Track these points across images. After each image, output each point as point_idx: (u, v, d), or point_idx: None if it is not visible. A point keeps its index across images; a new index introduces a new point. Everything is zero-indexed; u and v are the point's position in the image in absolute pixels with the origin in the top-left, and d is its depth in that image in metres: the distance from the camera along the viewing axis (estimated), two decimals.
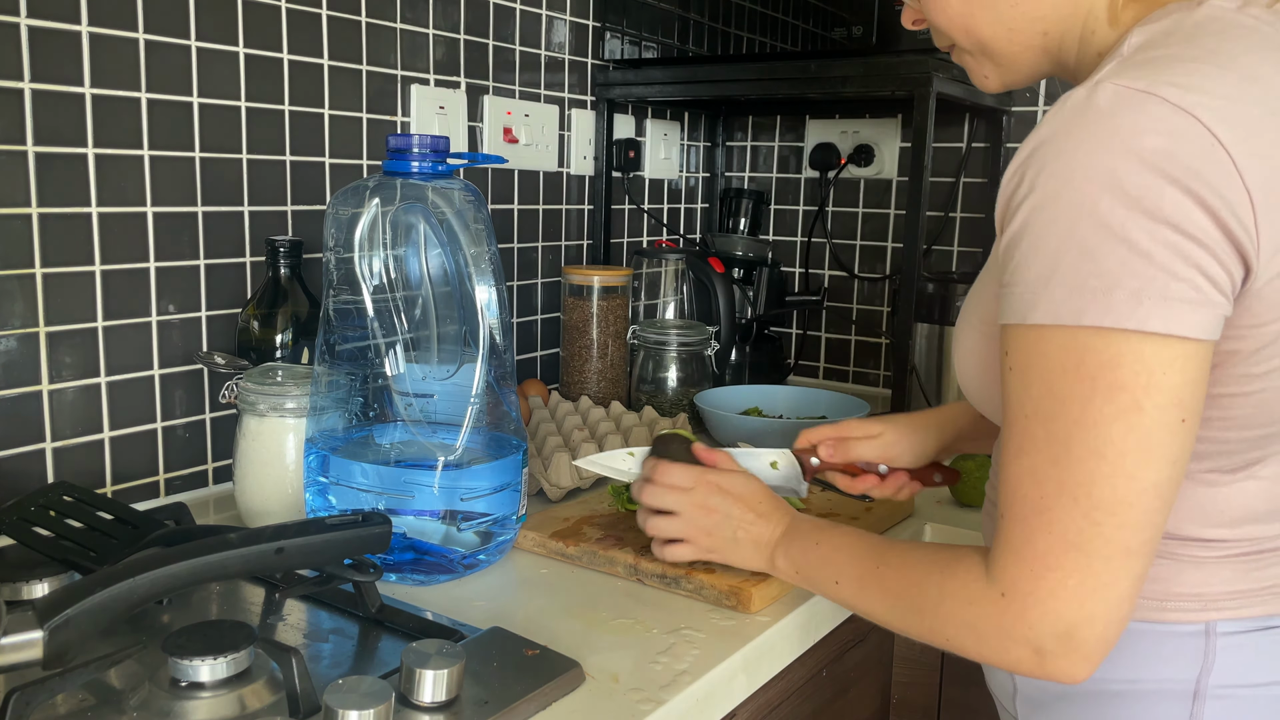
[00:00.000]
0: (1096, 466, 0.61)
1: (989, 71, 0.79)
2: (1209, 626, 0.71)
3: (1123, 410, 0.60)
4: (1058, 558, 0.63)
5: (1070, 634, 0.64)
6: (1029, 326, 0.63)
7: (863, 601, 0.80)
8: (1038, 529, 0.64)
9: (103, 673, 0.72)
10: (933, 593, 0.72)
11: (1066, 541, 0.63)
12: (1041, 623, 0.64)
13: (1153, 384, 0.60)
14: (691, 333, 1.58)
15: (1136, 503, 0.61)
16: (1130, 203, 0.59)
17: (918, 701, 1.26)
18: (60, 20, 1.01)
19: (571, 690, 0.75)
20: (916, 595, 0.73)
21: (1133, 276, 0.59)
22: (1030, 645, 0.65)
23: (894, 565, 0.76)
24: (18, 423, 1.02)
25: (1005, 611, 0.66)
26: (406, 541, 0.94)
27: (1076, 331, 0.60)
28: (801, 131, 2.00)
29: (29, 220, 1.01)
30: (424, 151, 0.95)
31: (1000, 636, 0.67)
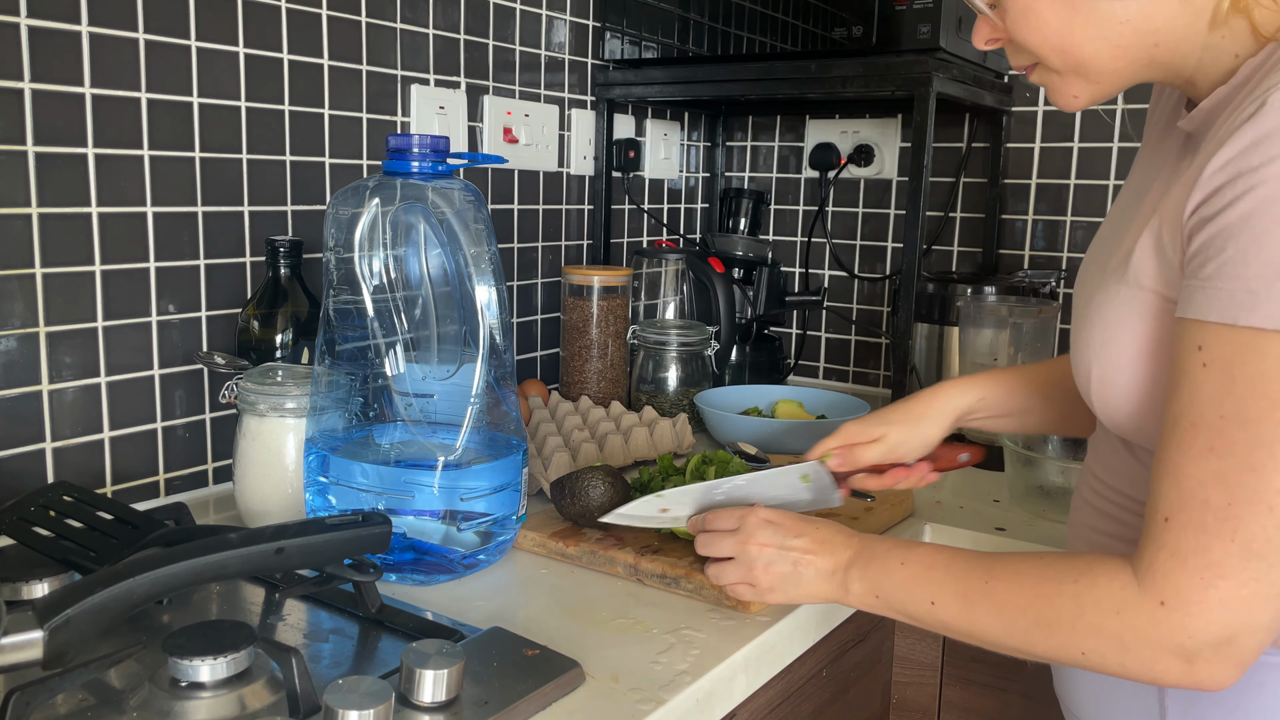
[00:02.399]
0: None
1: (1079, 90, 0.74)
2: None
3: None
4: (1236, 566, 0.61)
5: (1231, 642, 0.62)
6: (1244, 329, 0.60)
7: (969, 621, 0.74)
8: (1218, 536, 0.61)
9: (103, 673, 0.72)
10: (1067, 605, 0.68)
11: (1250, 550, 0.60)
12: (1204, 632, 0.62)
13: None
14: (691, 333, 1.58)
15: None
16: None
17: (918, 701, 1.26)
18: (60, 20, 1.01)
19: (571, 690, 0.75)
20: (1044, 609, 0.69)
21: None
22: (1183, 655, 0.63)
23: (1008, 579, 0.72)
24: (18, 423, 1.02)
25: (1162, 621, 0.63)
26: (406, 541, 0.94)
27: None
28: (801, 131, 2.00)
29: (29, 220, 1.01)
30: (424, 151, 0.95)
31: (1152, 647, 0.64)
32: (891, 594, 0.78)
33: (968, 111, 1.79)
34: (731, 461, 1.15)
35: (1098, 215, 1.71)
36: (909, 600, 0.77)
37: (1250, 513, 0.60)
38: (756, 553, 0.85)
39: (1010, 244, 1.79)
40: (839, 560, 0.82)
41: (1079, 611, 0.67)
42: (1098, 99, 0.75)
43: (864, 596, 0.80)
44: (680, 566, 0.95)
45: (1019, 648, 0.71)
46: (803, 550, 0.83)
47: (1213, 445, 0.61)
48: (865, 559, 0.81)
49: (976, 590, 0.73)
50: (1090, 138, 1.70)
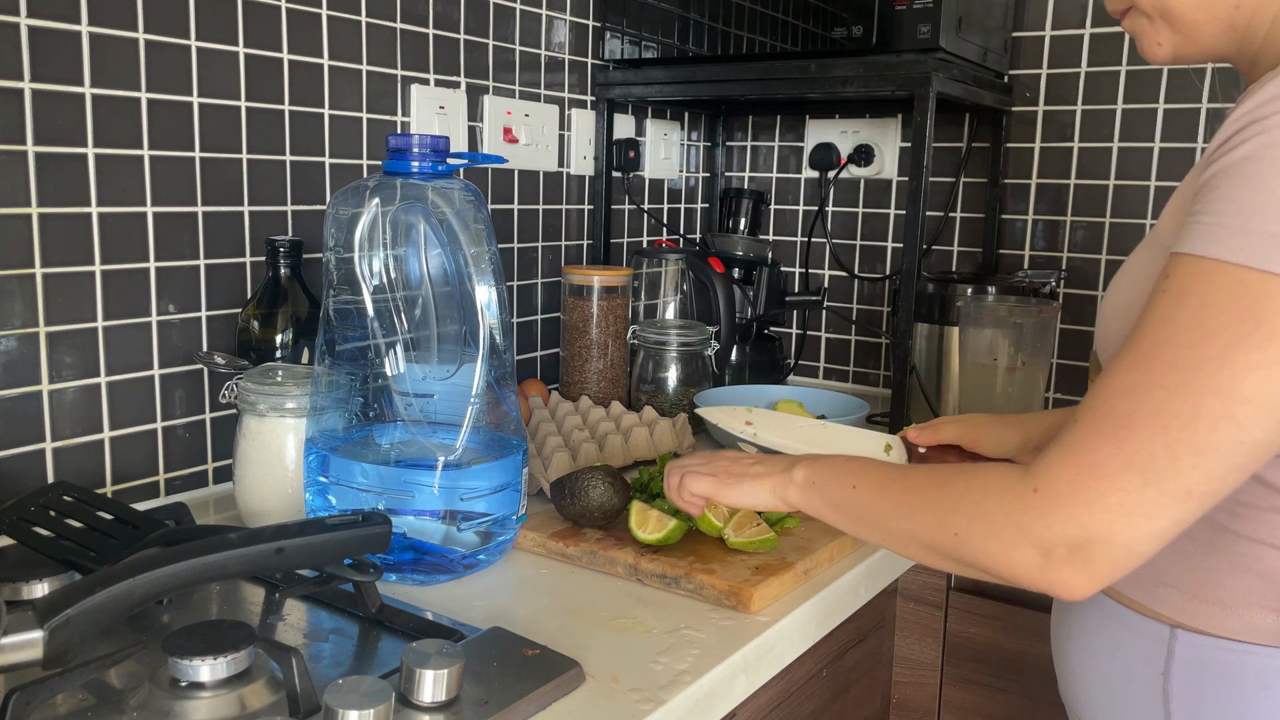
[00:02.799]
0: (1210, 404, 0.59)
1: (1164, 39, 0.74)
2: None
3: (1270, 360, 0.58)
4: (1113, 472, 0.61)
5: (1086, 546, 0.62)
6: (1207, 259, 0.60)
7: (877, 501, 0.76)
8: (1107, 441, 0.61)
9: (103, 673, 0.72)
10: (959, 485, 0.69)
11: (1131, 462, 0.60)
12: (1063, 525, 0.62)
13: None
14: (691, 333, 1.58)
15: (1227, 453, 0.59)
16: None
17: (918, 701, 1.26)
18: (60, 20, 1.01)
19: (571, 690, 0.75)
20: (938, 489, 0.71)
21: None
22: (1040, 546, 0.63)
23: (928, 473, 0.74)
24: (18, 423, 1.02)
25: (1029, 507, 0.64)
26: (406, 541, 0.94)
27: (1262, 276, 0.58)
28: (801, 131, 2.00)
29: (29, 220, 1.01)
30: (424, 151, 0.95)
31: (1013, 530, 0.64)
32: (825, 481, 0.81)
33: (968, 111, 1.79)
34: None
35: (1098, 215, 1.71)
36: (835, 485, 0.79)
37: (1145, 427, 0.60)
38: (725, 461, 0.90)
39: (1010, 244, 1.79)
40: (792, 462, 0.85)
41: (965, 490, 0.68)
42: (1180, 55, 0.75)
43: (803, 485, 0.83)
44: (680, 566, 0.95)
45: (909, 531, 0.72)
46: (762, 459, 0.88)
47: (1137, 361, 0.62)
48: (813, 458, 0.84)
49: (895, 478, 0.75)
50: (1090, 138, 1.70)
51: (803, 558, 0.99)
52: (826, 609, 0.98)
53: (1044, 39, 1.72)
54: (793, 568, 0.97)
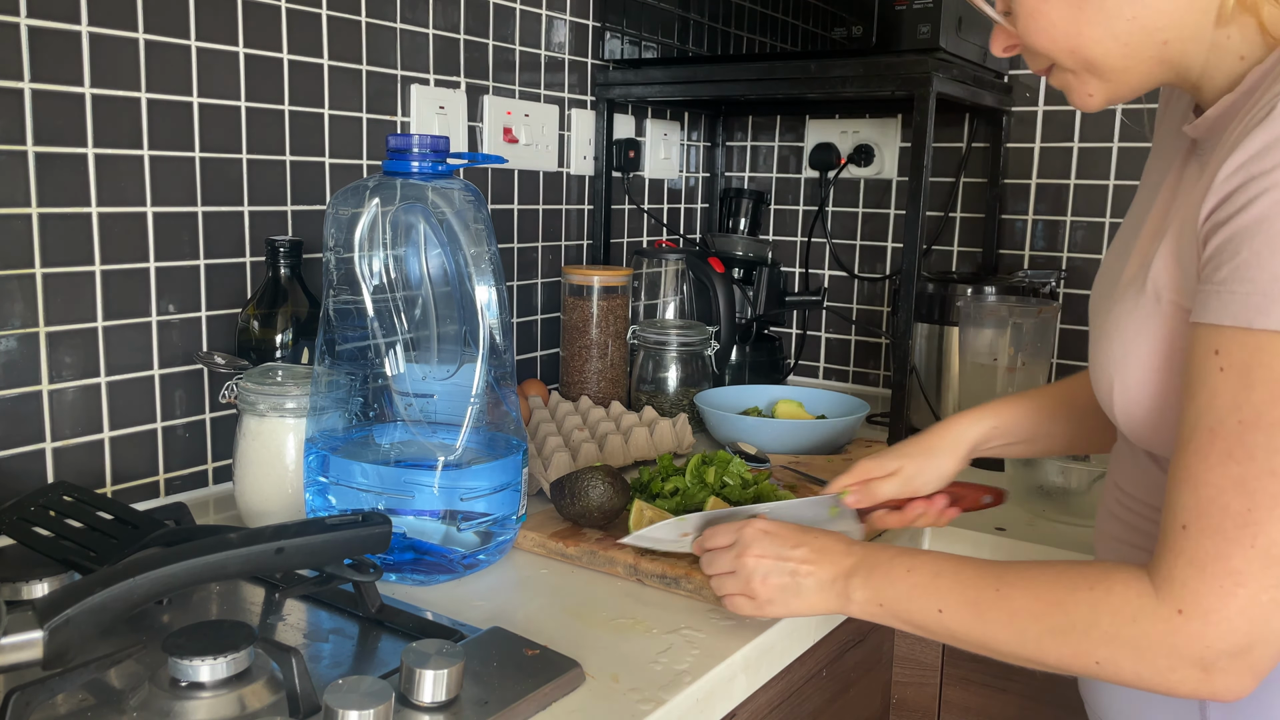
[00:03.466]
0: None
1: (1094, 89, 0.74)
2: None
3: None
4: (1256, 573, 0.60)
5: (1249, 652, 0.61)
6: (1257, 331, 0.59)
7: (980, 629, 0.72)
8: (1238, 543, 0.60)
9: (103, 673, 0.72)
10: (1083, 612, 0.67)
11: (1270, 556, 0.60)
12: (1223, 641, 0.61)
13: None
14: (691, 333, 1.58)
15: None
16: None
17: (918, 701, 1.26)
18: (60, 20, 1.01)
19: (571, 690, 0.75)
20: (1058, 616, 0.68)
21: None
22: (1200, 664, 0.62)
23: (1021, 586, 0.70)
24: (18, 423, 1.02)
25: (1180, 630, 0.62)
26: (406, 541, 0.94)
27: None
28: (801, 131, 2.00)
29: (29, 220, 1.01)
30: (424, 151, 0.95)
31: (1168, 656, 0.63)
32: (896, 602, 0.77)
33: (968, 111, 1.79)
34: (732, 461, 1.15)
35: (1098, 215, 1.71)
36: (915, 609, 0.76)
37: (1270, 518, 0.59)
38: (754, 565, 0.83)
39: (1010, 244, 1.79)
40: (839, 569, 0.80)
41: (1094, 619, 0.66)
42: (1114, 98, 0.75)
43: (867, 605, 0.79)
44: (680, 566, 0.95)
45: (1031, 657, 0.70)
46: (801, 560, 0.82)
47: (1231, 451, 0.61)
48: (868, 567, 0.79)
49: (987, 598, 0.71)
50: (1090, 138, 1.70)
51: None
52: None
53: None
54: None
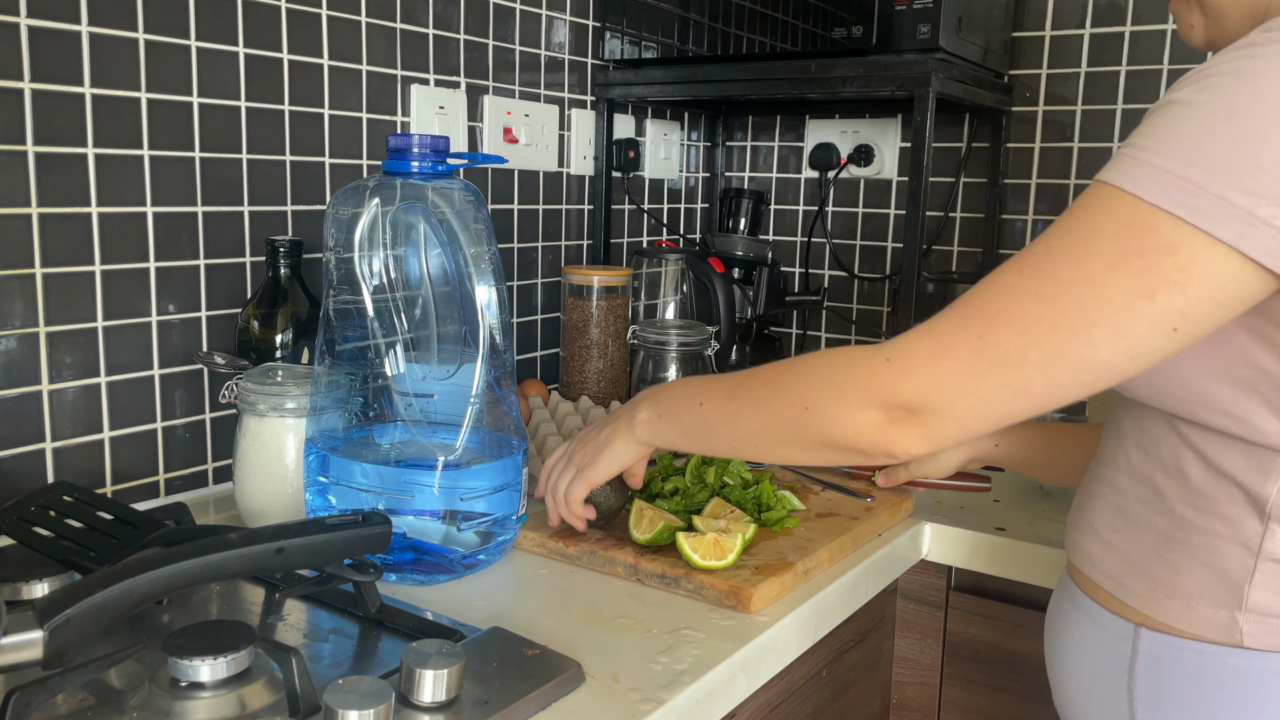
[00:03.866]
0: (1070, 319, 0.62)
1: (1196, 21, 0.76)
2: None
3: (1135, 292, 0.60)
4: (964, 355, 0.65)
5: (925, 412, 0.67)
6: (1109, 185, 0.62)
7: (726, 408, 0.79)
8: (970, 330, 0.66)
9: (103, 673, 0.72)
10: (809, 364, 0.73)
11: (984, 352, 0.65)
12: (908, 392, 0.67)
13: (1182, 285, 0.59)
14: (691, 333, 1.58)
15: (1074, 366, 0.63)
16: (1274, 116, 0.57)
17: (918, 701, 1.26)
18: (60, 20, 1.01)
19: (571, 690, 0.75)
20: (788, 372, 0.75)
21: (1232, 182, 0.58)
22: (884, 408, 0.68)
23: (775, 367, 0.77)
24: (18, 423, 1.02)
25: (879, 374, 0.69)
26: (406, 541, 0.94)
27: (1147, 206, 0.60)
28: (801, 131, 2.00)
29: (29, 220, 1.01)
30: (424, 151, 0.95)
31: (861, 394, 0.69)
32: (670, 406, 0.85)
33: (968, 111, 1.79)
34: (732, 461, 1.15)
35: None
36: (682, 408, 0.83)
37: (1006, 325, 0.64)
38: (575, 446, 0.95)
39: (1010, 244, 1.79)
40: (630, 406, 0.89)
41: (816, 367, 0.73)
42: (1211, 39, 0.76)
43: (650, 422, 0.86)
44: (680, 566, 0.95)
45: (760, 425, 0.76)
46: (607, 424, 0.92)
47: (1021, 265, 0.65)
48: (652, 394, 0.88)
49: (741, 380, 0.79)
50: (1090, 138, 1.70)
51: (802, 558, 0.99)
52: (826, 609, 0.98)
53: (1044, 39, 1.72)
54: (792, 568, 0.97)
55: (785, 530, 1.06)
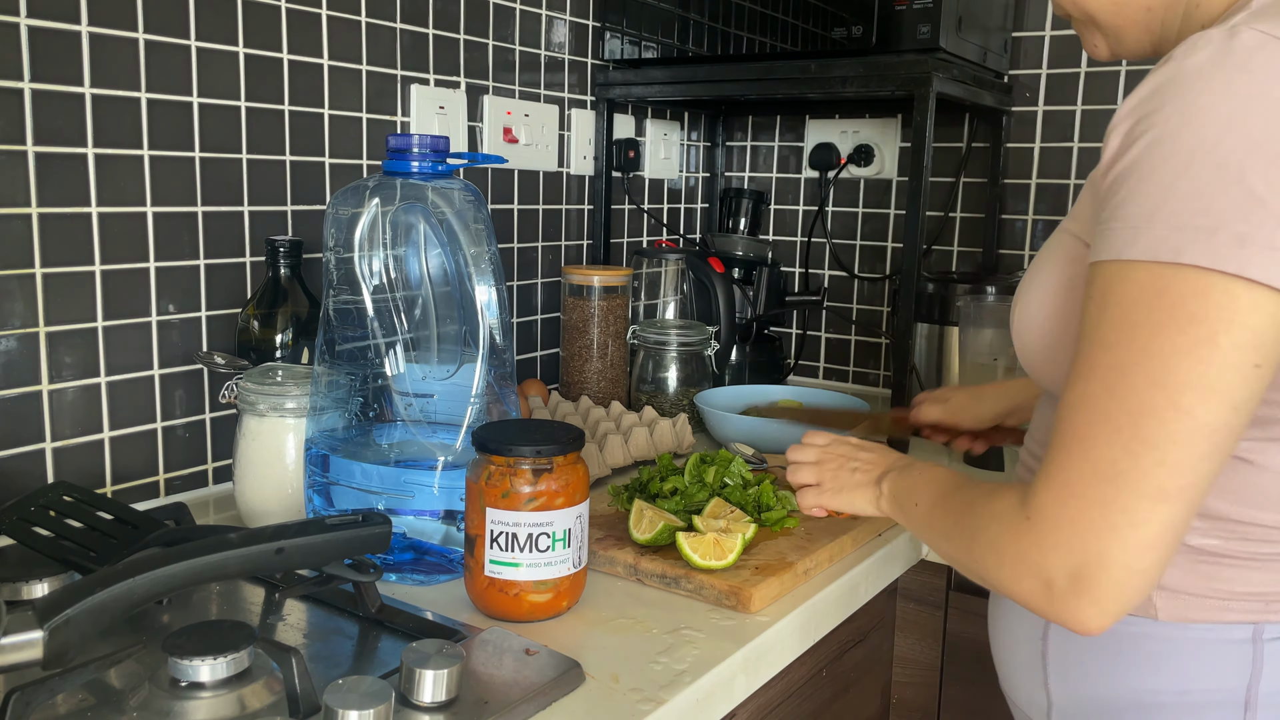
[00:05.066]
0: (1151, 397, 0.59)
1: (1098, 41, 0.81)
2: (1256, 631, 0.69)
3: (1195, 343, 0.58)
4: (1086, 486, 0.61)
5: (1084, 572, 0.61)
6: (1122, 262, 0.61)
7: (927, 525, 0.79)
8: (1075, 456, 0.62)
9: (103, 673, 0.72)
10: (978, 513, 0.70)
11: (1099, 472, 0.60)
12: (1056, 552, 0.62)
13: (1235, 322, 0.58)
14: (691, 333, 1.58)
15: (1185, 442, 0.59)
16: (1253, 146, 0.57)
17: (918, 701, 1.26)
18: (60, 20, 1.01)
19: (571, 690, 0.75)
20: (964, 517, 0.72)
21: (1242, 220, 0.57)
22: (1041, 577, 0.63)
23: (958, 491, 0.76)
24: (18, 423, 1.02)
25: (1025, 535, 0.64)
26: (406, 541, 0.94)
27: (1170, 268, 0.59)
28: (801, 131, 2.00)
29: (29, 220, 1.01)
30: (424, 151, 0.95)
31: (1016, 561, 0.65)
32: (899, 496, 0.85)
33: (968, 111, 1.79)
34: (733, 461, 1.15)
35: None
36: (904, 502, 0.83)
37: (1102, 434, 0.61)
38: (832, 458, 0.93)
39: (1010, 244, 1.79)
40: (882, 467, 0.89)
41: (978, 523, 0.70)
42: (1118, 54, 0.81)
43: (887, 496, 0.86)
44: (680, 566, 0.95)
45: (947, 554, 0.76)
46: (863, 461, 0.91)
47: (1081, 371, 0.63)
48: (900, 469, 0.87)
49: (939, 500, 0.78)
50: (1090, 138, 1.70)
51: (802, 558, 0.99)
52: (826, 609, 0.98)
53: (1044, 39, 1.72)
54: (793, 568, 0.97)
55: (785, 530, 1.06)
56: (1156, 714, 0.72)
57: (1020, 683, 0.82)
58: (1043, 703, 0.79)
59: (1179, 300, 0.58)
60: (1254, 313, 0.58)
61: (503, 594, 0.86)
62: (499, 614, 0.86)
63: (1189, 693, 0.71)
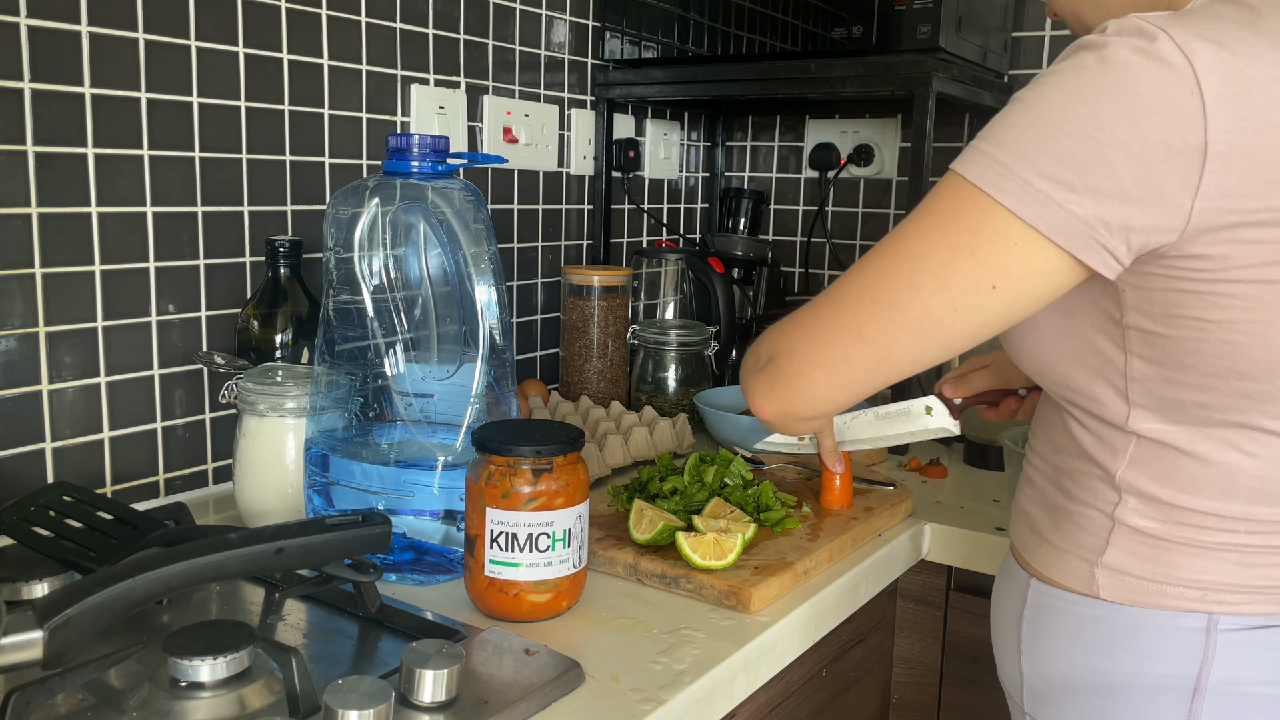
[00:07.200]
0: (900, 265, 0.70)
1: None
2: (1210, 621, 0.72)
3: (958, 247, 0.67)
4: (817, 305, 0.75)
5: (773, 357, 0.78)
6: (951, 170, 0.69)
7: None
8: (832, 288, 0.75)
9: (103, 673, 0.72)
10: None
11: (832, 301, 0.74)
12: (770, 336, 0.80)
13: (994, 245, 0.66)
14: (691, 333, 1.58)
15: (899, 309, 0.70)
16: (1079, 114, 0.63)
17: (918, 701, 1.26)
18: (60, 20, 1.01)
19: (571, 690, 0.75)
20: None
21: (1034, 167, 0.64)
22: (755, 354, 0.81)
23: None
24: (18, 423, 1.02)
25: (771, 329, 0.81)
26: (406, 541, 0.94)
27: (972, 187, 0.67)
28: (801, 131, 2.00)
29: (29, 220, 1.01)
30: (424, 151, 0.95)
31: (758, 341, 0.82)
32: None
33: (968, 111, 1.79)
34: (733, 461, 1.15)
35: None
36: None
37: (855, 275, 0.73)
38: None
39: None
40: None
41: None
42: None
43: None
44: (680, 566, 0.95)
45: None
46: None
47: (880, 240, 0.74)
48: None
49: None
50: None
51: (802, 558, 0.99)
52: (826, 609, 0.98)
53: (1044, 39, 1.72)
54: (792, 567, 0.97)
55: (785, 530, 1.06)
56: (1110, 694, 0.75)
57: (1003, 661, 0.85)
58: (1018, 680, 0.83)
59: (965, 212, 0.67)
60: (1014, 244, 0.66)
61: (503, 594, 0.86)
62: (499, 614, 0.87)
63: (1140, 675, 0.73)
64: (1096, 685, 0.75)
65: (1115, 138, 0.62)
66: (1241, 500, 0.71)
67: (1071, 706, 0.77)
